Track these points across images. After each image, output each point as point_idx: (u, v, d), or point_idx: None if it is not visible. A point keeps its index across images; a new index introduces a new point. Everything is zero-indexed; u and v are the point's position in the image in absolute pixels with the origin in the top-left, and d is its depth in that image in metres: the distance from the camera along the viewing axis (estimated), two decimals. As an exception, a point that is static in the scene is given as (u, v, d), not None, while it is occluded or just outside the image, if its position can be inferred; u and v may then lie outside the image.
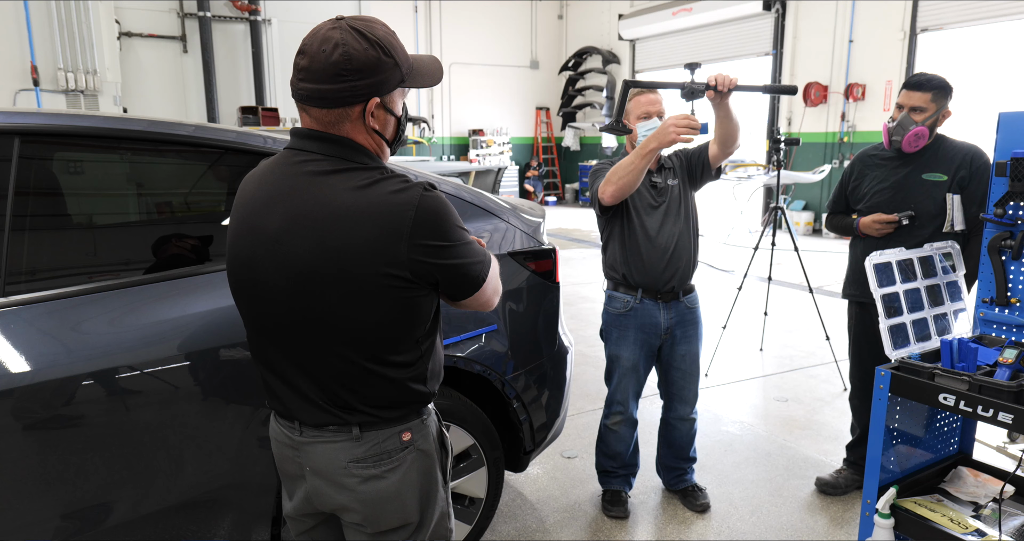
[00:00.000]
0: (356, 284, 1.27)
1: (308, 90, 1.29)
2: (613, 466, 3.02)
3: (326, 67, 1.26)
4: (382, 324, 1.32)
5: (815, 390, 4.53)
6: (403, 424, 1.42)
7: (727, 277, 8.04)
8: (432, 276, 1.32)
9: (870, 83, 10.88)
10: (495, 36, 16.24)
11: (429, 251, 1.28)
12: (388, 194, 1.26)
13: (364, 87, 1.29)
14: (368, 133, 1.35)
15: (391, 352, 1.35)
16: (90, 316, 1.81)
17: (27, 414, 1.69)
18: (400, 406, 1.41)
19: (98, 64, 10.38)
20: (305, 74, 1.28)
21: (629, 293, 2.81)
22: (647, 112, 2.75)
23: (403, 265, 1.27)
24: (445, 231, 1.30)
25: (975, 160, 2.79)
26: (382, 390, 1.37)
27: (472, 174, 8.75)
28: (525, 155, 17.26)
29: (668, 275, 2.79)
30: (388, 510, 1.42)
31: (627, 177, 2.56)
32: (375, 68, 1.29)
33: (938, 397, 1.98)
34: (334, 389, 1.36)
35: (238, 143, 2.13)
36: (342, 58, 1.25)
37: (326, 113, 1.31)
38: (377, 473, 1.39)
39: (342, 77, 1.26)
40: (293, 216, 1.28)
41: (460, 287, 1.38)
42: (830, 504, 3.08)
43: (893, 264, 2.26)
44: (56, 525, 1.75)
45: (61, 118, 1.95)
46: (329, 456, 1.40)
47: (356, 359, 1.33)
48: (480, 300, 1.44)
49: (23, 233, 1.82)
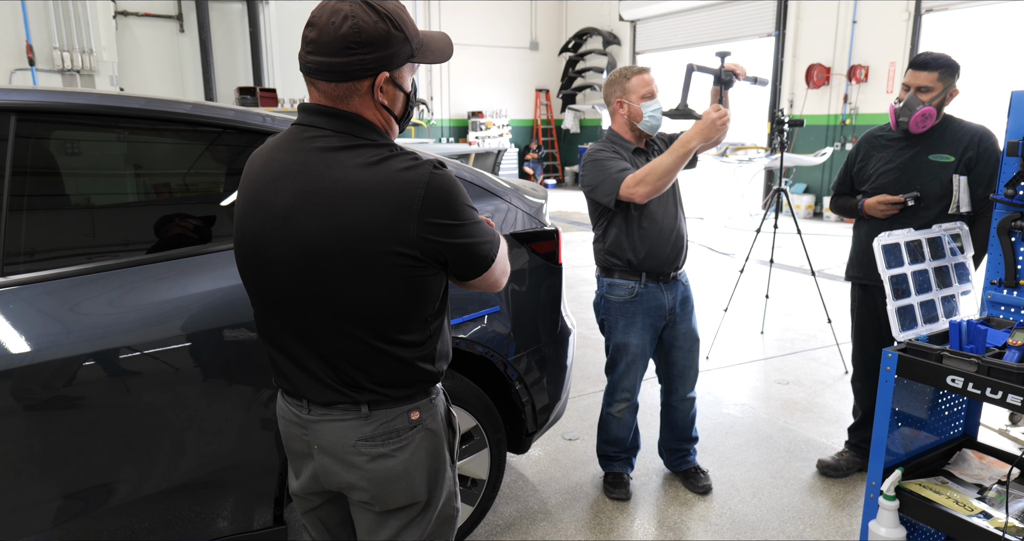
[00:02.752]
0: (364, 262, 1.25)
1: (316, 63, 1.27)
2: (615, 451, 3.02)
3: (335, 40, 1.24)
4: (390, 303, 1.30)
5: (816, 373, 4.52)
6: (411, 403, 1.41)
7: (728, 260, 8.02)
8: (441, 255, 1.30)
9: (873, 65, 10.79)
10: (495, 17, 16.07)
11: (438, 229, 1.27)
12: (397, 171, 1.25)
13: (373, 61, 1.26)
14: (376, 108, 1.32)
15: (400, 331, 1.34)
16: (90, 296, 1.79)
17: (27, 395, 1.68)
18: (408, 385, 1.40)
19: (94, 43, 10.29)
20: (314, 46, 1.26)
21: (632, 279, 2.78)
22: (651, 92, 2.71)
23: (412, 243, 1.25)
24: (455, 209, 1.28)
25: (983, 141, 2.75)
26: (391, 369, 1.36)
27: (471, 156, 8.71)
28: (525, 137, 17.17)
29: (673, 257, 2.77)
30: (396, 489, 1.42)
31: (667, 176, 2.50)
32: (385, 42, 1.26)
33: (946, 379, 1.96)
34: (342, 367, 1.35)
35: (237, 122, 2.09)
36: (351, 30, 1.23)
37: (334, 87, 1.29)
38: (385, 452, 1.39)
39: (351, 50, 1.24)
40: (302, 193, 1.27)
41: (469, 267, 1.37)
42: (831, 486, 3.08)
43: (901, 245, 2.23)
44: (59, 505, 1.75)
45: (57, 95, 1.92)
46: (337, 434, 1.39)
47: (364, 337, 1.32)
48: (489, 280, 1.43)
49: (21, 213, 1.79)
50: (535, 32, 16.81)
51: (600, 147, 2.76)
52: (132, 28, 11.48)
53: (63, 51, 9.92)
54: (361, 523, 1.49)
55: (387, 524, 1.45)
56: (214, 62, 11.84)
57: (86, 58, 10.09)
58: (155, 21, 11.72)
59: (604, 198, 2.65)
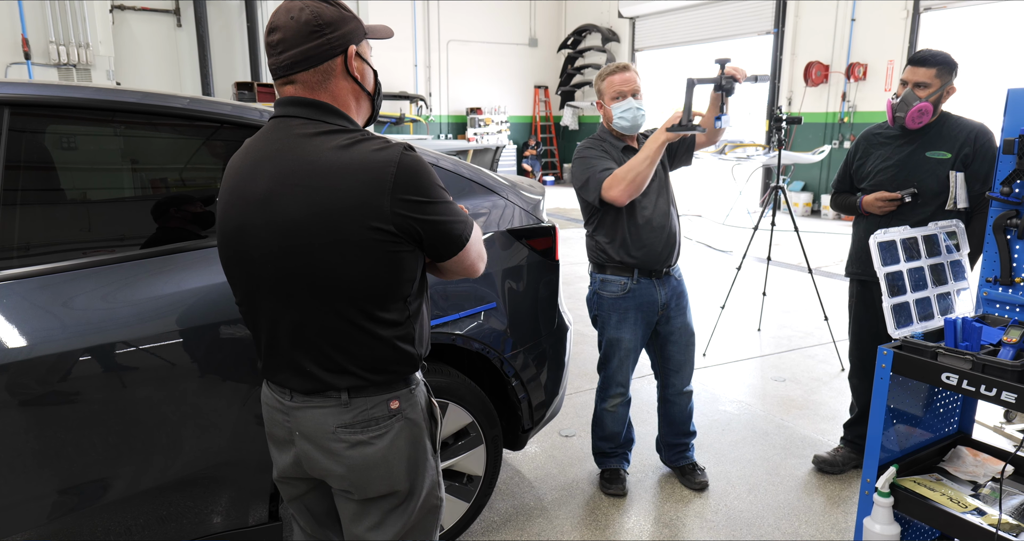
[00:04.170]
0: (343, 238, 1.31)
1: (291, 57, 1.35)
2: (611, 447, 3.02)
3: (300, 28, 1.33)
4: (369, 278, 1.34)
5: (813, 370, 4.53)
6: (391, 392, 1.44)
7: (725, 257, 8.02)
8: (415, 231, 1.35)
9: (872, 63, 10.78)
10: (493, 13, 16.02)
11: (411, 206, 1.32)
12: (370, 152, 1.31)
13: (339, 38, 1.37)
14: (352, 86, 1.42)
15: (379, 308, 1.38)
16: (85, 291, 1.79)
17: (21, 390, 1.67)
18: (389, 369, 1.43)
19: (90, 37, 10.25)
20: (283, 45, 1.35)
21: (624, 275, 2.78)
22: (620, 92, 2.68)
23: (387, 219, 1.31)
24: (426, 188, 1.34)
25: (979, 138, 2.76)
26: (372, 349, 1.40)
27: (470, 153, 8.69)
28: (523, 134, 17.14)
29: (666, 254, 2.77)
30: (375, 477, 1.44)
31: (640, 176, 2.53)
32: (342, 20, 1.38)
33: (941, 376, 1.97)
34: (325, 350, 1.39)
35: (234, 116, 2.09)
36: (312, 16, 1.34)
37: (312, 74, 1.37)
38: (364, 439, 1.42)
39: (317, 33, 1.34)
40: (279, 176, 1.33)
41: (443, 245, 1.42)
42: (827, 483, 3.09)
43: (897, 243, 2.24)
44: (53, 501, 1.74)
45: (52, 89, 1.90)
46: (318, 421, 1.43)
47: (347, 315, 1.36)
48: (464, 263, 1.48)
49: (15, 207, 1.78)
50: (534, 29, 16.78)
51: (588, 145, 2.78)
52: (129, 22, 11.44)
53: (59, 45, 9.88)
54: (344, 512, 1.51)
55: (369, 513, 1.47)
56: (211, 57, 11.79)
57: (82, 52, 10.05)
58: (152, 15, 11.68)
59: (589, 197, 2.68)
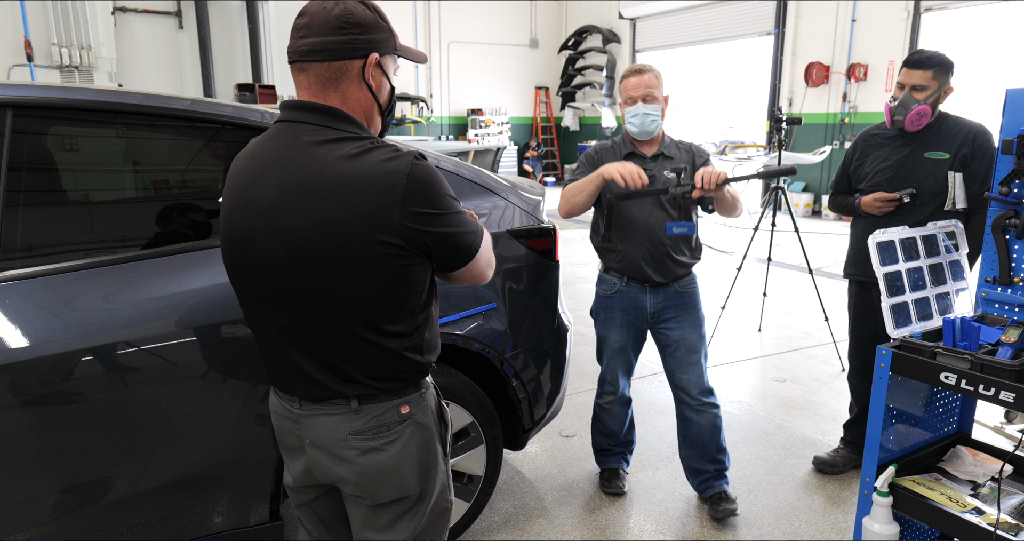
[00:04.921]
0: (351, 252, 1.27)
1: (309, 44, 1.31)
2: (609, 444, 3.02)
3: (327, 20, 1.30)
4: (377, 292, 1.32)
5: (813, 371, 4.53)
6: (401, 397, 1.43)
7: (726, 258, 8.02)
8: (425, 244, 1.32)
9: (872, 63, 10.79)
10: (494, 14, 16.04)
11: (421, 218, 1.29)
12: (379, 162, 1.27)
13: (364, 42, 1.32)
14: (364, 94, 1.36)
15: (387, 321, 1.35)
16: (87, 292, 1.80)
17: (24, 390, 1.68)
18: (398, 377, 1.41)
19: (92, 39, 10.26)
20: (306, 30, 1.31)
21: (615, 275, 2.78)
22: (630, 96, 2.65)
23: (396, 232, 1.27)
24: (436, 199, 1.31)
25: (978, 138, 2.76)
26: (380, 360, 1.37)
27: (471, 154, 8.69)
28: (524, 135, 17.15)
29: (654, 266, 2.69)
30: (386, 482, 1.43)
31: (574, 199, 2.64)
32: (374, 26, 1.34)
33: (939, 376, 1.97)
34: (332, 360, 1.36)
35: (235, 118, 2.10)
36: (343, 12, 1.30)
37: (326, 68, 1.32)
38: (376, 445, 1.40)
39: (343, 29, 1.30)
40: (286, 186, 1.29)
41: (453, 257, 1.39)
42: (827, 483, 3.09)
43: (896, 243, 2.24)
44: (55, 500, 1.75)
45: (54, 91, 1.92)
46: (328, 429, 1.41)
47: (354, 328, 1.34)
48: (473, 272, 1.45)
49: (17, 208, 1.79)
50: (535, 30, 16.79)
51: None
52: (131, 24, 11.46)
53: (61, 47, 9.90)
54: (355, 516, 1.50)
55: (380, 517, 1.46)
56: (213, 59, 11.81)
57: (84, 54, 10.07)
58: (154, 17, 11.70)
59: None
